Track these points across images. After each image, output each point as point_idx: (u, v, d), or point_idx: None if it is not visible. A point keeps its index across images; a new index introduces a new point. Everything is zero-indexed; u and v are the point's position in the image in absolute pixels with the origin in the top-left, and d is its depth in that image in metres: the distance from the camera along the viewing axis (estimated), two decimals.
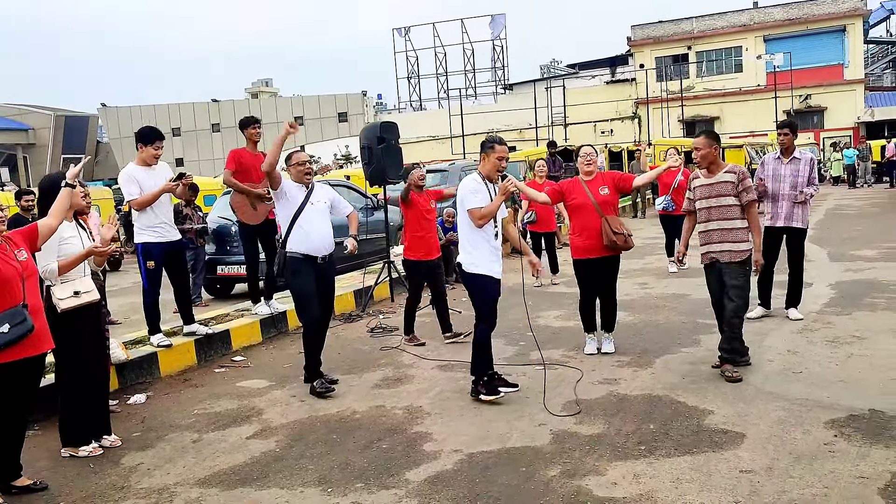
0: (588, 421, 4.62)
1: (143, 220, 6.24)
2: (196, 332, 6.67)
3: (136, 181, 6.19)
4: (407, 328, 7.06)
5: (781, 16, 41.30)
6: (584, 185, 6.12)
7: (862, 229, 13.93)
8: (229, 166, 7.55)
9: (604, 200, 6.01)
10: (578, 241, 6.15)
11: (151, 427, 5.07)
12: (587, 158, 6.20)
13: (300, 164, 5.71)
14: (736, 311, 5.33)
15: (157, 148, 6.31)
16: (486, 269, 5.16)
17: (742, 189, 5.37)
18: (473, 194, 5.10)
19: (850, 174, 28.21)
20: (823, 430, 4.20)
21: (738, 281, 5.34)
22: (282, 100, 60.97)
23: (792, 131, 6.96)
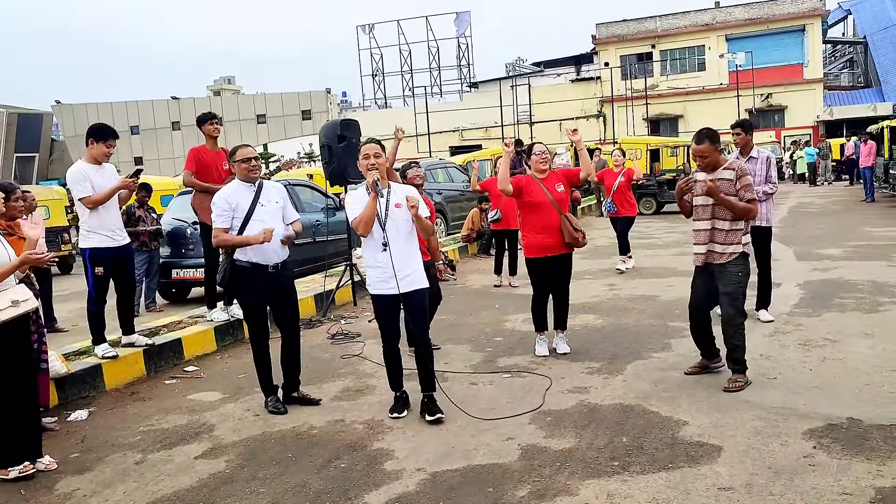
0: (558, 434, 4.39)
1: (93, 223, 5.87)
2: (136, 343, 6.29)
3: (88, 178, 5.82)
4: None
5: (743, 15, 41.79)
6: (540, 183, 5.97)
7: (825, 227, 14.00)
8: (189, 166, 7.18)
9: (560, 198, 5.95)
10: (536, 240, 5.99)
11: (92, 447, 4.71)
12: (542, 157, 6.06)
13: (245, 161, 5.13)
14: (729, 320, 5.01)
15: (109, 146, 5.97)
16: (374, 288, 4.86)
17: (741, 187, 4.98)
18: (351, 207, 4.81)
19: (810, 172, 28.59)
20: (802, 441, 4.03)
21: (730, 288, 5.01)
22: (244, 97, 60.11)
23: (744, 130, 6.84)
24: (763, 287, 6.91)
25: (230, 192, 5.16)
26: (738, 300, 5.03)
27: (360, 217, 4.67)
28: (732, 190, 4.99)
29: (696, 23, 42.49)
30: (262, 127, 54.93)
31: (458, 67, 54.13)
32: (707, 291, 5.16)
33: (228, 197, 5.09)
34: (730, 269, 5.00)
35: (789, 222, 15.45)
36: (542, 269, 6.07)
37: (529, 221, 6.07)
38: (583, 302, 8.13)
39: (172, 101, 55.83)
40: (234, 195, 5.12)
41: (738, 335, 5.01)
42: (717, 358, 5.30)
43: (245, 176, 5.16)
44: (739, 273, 5.03)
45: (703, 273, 5.18)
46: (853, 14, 47.55)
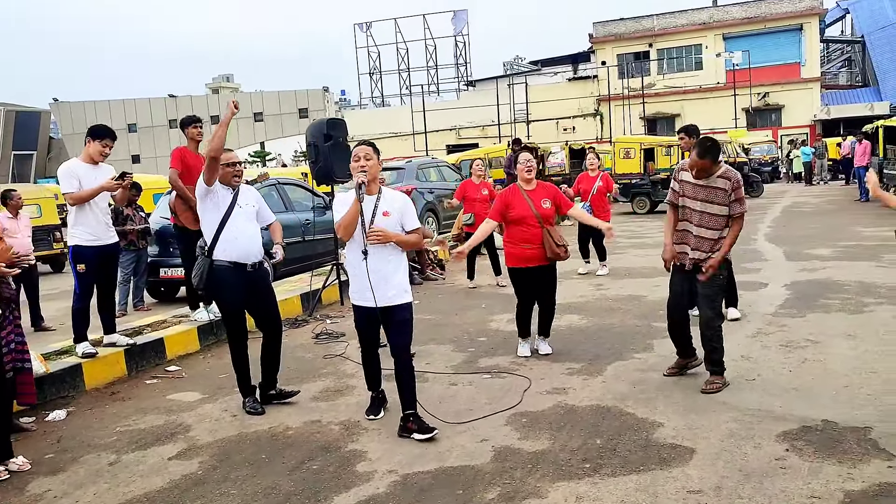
0: (533, 436, 4.38)
1: (79, 221, 5.89)
2: (117, 342, 6.28)
3: (76, 176, 5.85)
4: None
5: (740, 14, 41.82)
6: (525, 195, 5.93)
7: (818, 227, 13.99)
8: (175, 165, 7.17)
9: (546, 214, 5.91)
10: (517, 251, 5.97)
11: (67, 447, 4.69)
12: (527, 165, 6.00)
13: (230, 166, 5.15)
14: (707, 323, 4.95)
15: (105, 146, 6.00)
16: (353, 297, 4.67)
17: (735, 199, 4.89)
18: (337, 207, 4.54)
19: (806, 172, 28.58)
20: (775, 443, 4.01)
21: (708, 290, 4.95)
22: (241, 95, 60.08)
23: (688, 135, 7.04)
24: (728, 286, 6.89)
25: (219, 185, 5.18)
26: (716, 303, 5.01)
27: (342, 220, 4.45)
28: (725, 200, 4.90)
29: (693, 21, 42.52)
30: (259, 125, 54.93)
31: (456, 66, 54.08)
32: (686, 290, 5.12)
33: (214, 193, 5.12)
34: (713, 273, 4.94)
35: (782, 222, 15.44)
36: (525, 279, 6.04)
37: (512, 233, 6.02)
38: (569, 302, 8.12)
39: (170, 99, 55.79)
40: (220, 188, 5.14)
41: (717, 337, 4.97)
42: (693, 357, 5.28)
43: (228, 181, 5.15)
44: (720, 276, 4.99)
45: (682, 271, 5.12)
46: (851, 13, 47.56)
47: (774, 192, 24.25)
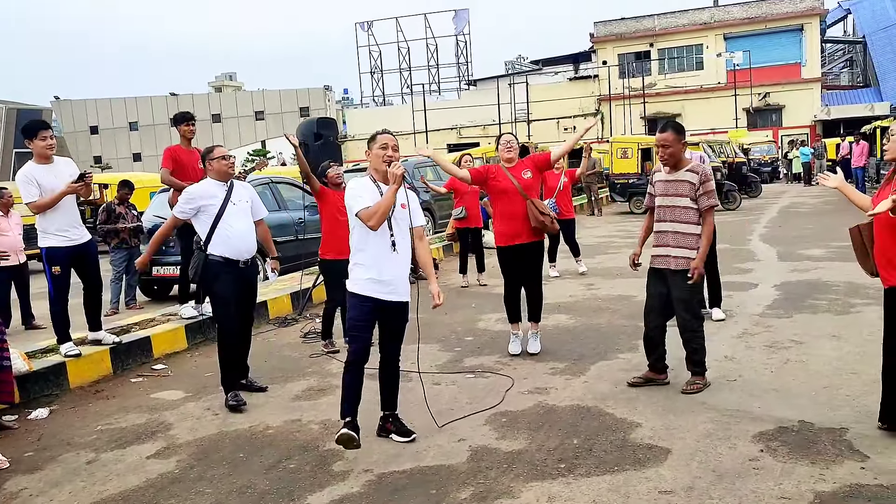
0: (510, 435, 4.38)
1: (46, 223, 5.82)
2: (103, 340, 6.28)
3: (34, 182, 5.71)
4: (325, 332, 6.79)
5: (741, 14, 41.75)
6: (507, 171, 6.00)
7: (814, 227, 13.97)
8: (166, 164, 7.22)
9: (527, 185, 5.95)
10: (503, 227, 6.01)
11: (47, 446, 4.70)
12: (508, 145, 6.09)
13: (224, 158, 5.39)
14: (685, 325, 4.90)
15: (43, 139, 5.77)
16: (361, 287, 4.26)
17: (702, 192, 4.83)
18: (356, 198, 4.21)
19: (805, 172, 28.51)
20: (750, 444, 4.01)
21: (684, 293, 4.86)
22: (243, 94, 60.14)
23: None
24: (712, 286, 6.90)
25: (202, 190, 5.38)
26: (693, 305, 4.96)
27: (375, 209, 4.11)
28: (693, 193, 4.87)
29: (695, 21, 42.46)
30: (260, 123, 54.96)
31: (457, 65, 54.11)
32: (662, 295, 5.01)
33: (200, 195, 5.32)
34: (687, 276, 4.82)
35: (777, 222, 15.43)
36: (511, 258, 6.06)
37: (497, 210, 6.09)
38: (558, 302, 8.12)
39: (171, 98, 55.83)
40: (206, 195, 5.32)
41: (697, 339, 4.93)
42: (663, 375, 5.13)
43: (223, 173, 5.35)
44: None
45: (657, 275, 5.05)
46: (853, 13, 47.41)
47: (773, 193, 24.21)
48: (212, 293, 5.48)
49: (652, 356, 5.14)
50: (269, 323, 8.03)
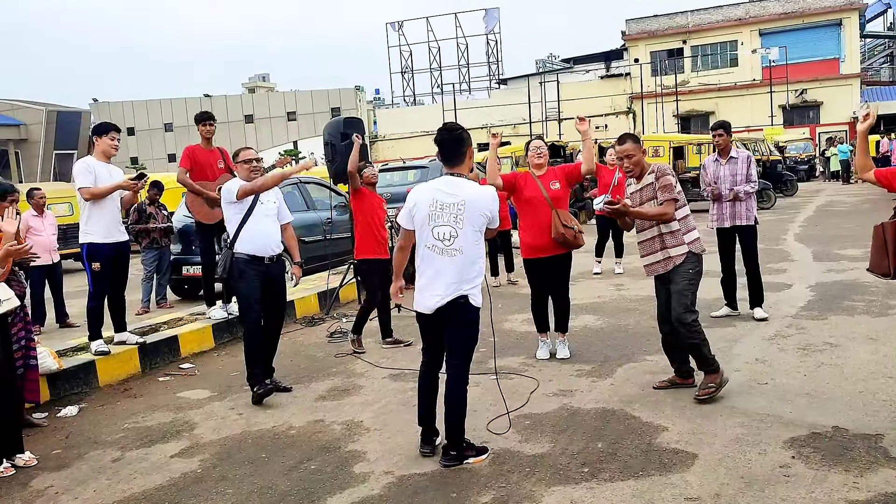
0: (534, 438, 4.32)
1: (93, 219, 5.98)
2: (127, 341, 6.35)
3: (93, 172, 5.95)
4: (357, 327, 6.76)
5: (777, 9, 40.95)
6: (537, 179, 5.88)
7: (851, 227, 13.61)
8: (184, 164, 7.33)
9: (555, 195, 5.82)
10: (529, 239, 5.90)
11: (74, 444, 4.76)
12: (537, 151, 5.98)
13: (247, 162, 5.55)
14: (679, 319, 4.70)
15: (112, 139, 6.09)
16: None
17: (659, 187, 4.71)
18: None
19: (843, 170, 27.90)
20: (781, 450, 3.90)
21: (679, 285, 4.73)
22: (275, 95, 60.64)
23: (726, 132, 6.89)
24: (754, 286, 6.82)
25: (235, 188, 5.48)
26: (687, 297, 4.72)
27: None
28: (654, 193, 4.75)
29: (729, 17, 41.75)
30: (292, 124, 55.35)
31: (487, 64, 53.96)
32: (668, 300, 4.85)
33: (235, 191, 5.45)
34: (681, 270, 4.73)
35: (814, 221, 15.10)
36: (537, 270, 5.98)
37: (524, 220, 5.98)
38: (586, 303, 8.02)
39: (205, 99, 56.53)
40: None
41: (695, 333, 4.71)
42: (689, 378, 4.97)
43: (247, 176, 5.51)
44: (690, 270, 4.73)
45: (660, 282, 4.91)
46: (893, 7, 46.32)
47: (809, 191, 23.74)
48: (237, 290, 5.60)
49: (675, 362, 5.02)
50: (297, 322, 8.06)
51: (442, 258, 3.94)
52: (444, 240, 3.93)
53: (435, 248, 3.95)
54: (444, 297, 3.94)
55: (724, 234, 6.88)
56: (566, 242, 5.74)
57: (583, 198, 17.17)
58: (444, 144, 4.05)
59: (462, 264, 3.94)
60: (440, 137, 4.06)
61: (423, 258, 4.02)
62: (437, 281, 3.94)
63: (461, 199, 3.93)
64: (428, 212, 3.96)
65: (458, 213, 3.92)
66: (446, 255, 3.93)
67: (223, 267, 5.52)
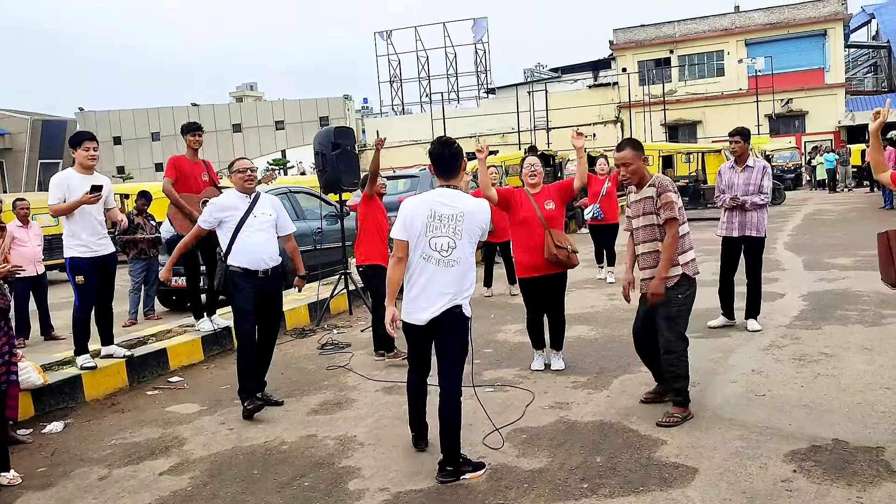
0: (531, 453, 4.25)
1: (73, 232, 5.86)
2: (114, 354, 6.23)
3: (67, 188, 5.81)
4: (382, 343, 6.54)
5: (762, 20, 41.33)
6: (531, 198, 5.78)
7: (840, 235, 13.67)
8: (169, 174, 7.21)
9: (550, 216, 5.70)
10: (523, 258, 5.80)
11: (60, 461, 4.64)
12: (531, 170, 5.85)
13: (241, 172, 5.43)
14: (667, 346, 4.56)
15: (87, 149, 5.91)
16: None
17: (660, 205, 4.52)
18: None
19: (830, 179, 28.09)
20: (782, 463, 3.85)
21: (669, 311, 4.54)
22: (263, 104, 60.46)
23: (743, 139, 6.73)
24: (752, 297, 6.77)
25: (225, 202, 5.44)
26: (678, 324, 4.58)
27: None
28: (654, 208, 4.60)
29: (715, 27, 42.08)
30: (280, 133, 55.22)
31: (476, 73, 54.07)
32: (650, 316, 4.74)
33: (222, 209, 5.39)
34: (671, 293, 4.54)
35: (803, 230, 15.14)
36: (533, 289, 5.88)
37: (517, 238, 5.86)
38: (579, 313, 7.97)
39: (192, 108, 56.29)
40: (228, 207, 5.40)
41: (679, 363, 4.56)
42: None
43: (241, 186, 5.41)
44: (679, 296, 4.55)
45: (644, 299, 4.79)
46: (876, 18, 46.82)
47: (797, 200, 23.85)
48: (232, 303, 5.51)
49: (655, 370, 4.93)
50: (287, 334, 7.95)
51: (437, 269, 3.92)
52: (441, 251, 3.92)
53: (431, 258, 3.92)
54: (439, 308, 3.91)
55: (731, 243, 6.75)
56: (559, 262, 5.64)
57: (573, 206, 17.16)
58: (443, 158, 4.05)
59: (459, 275, 3.94)
60: (438, 151, 4.05)
61: (414, 269, 3.98)
62: (430, 291, 3.93)
63: (460, 211, 3.93)
64: (425, 222, 3.93)
65: (458, 224, 3.92)
66: (443, 266, 3.92)
67: (219, 279, 5.45)
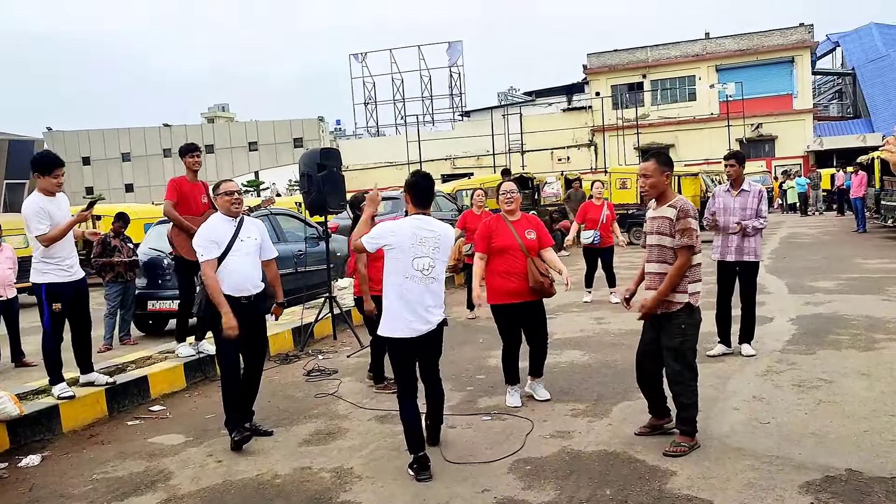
0: (537, 485, 4.10)
1: (50, 256, 5.60)
2: (95, 381, 5.98)
3: (46, 213, 5.54)
4: (378, 375, 6.39)
5: (732, 46, 42.16)
6: (510, 225, 5.59)
7: (818, 259, 13.81)
8: (170, 196, 6.98)
9: (530, 245, 5.53)
10: (501, 284, 5.50)
11: (38, 497, 4.39)
12: (507, 197, 5.63)
13: (228, 195, 5.22)
14: (674, 377, 4.47)
15: (55, 177, 5.63)
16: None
17: (678, 229, 4.41)
18: None
19: (801, 202, 28.54)
20: (798, 495, 3.74)
21: (673, 342, 4.45)
22: (236, 125, 60.12)
23: (738, 162, 6.77)
24: (746, 321, 6.73)
25: (211, 227, 5.20)
26: (685, 355, 4.48)
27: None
28: (671, 230, 4.48)
29: (687, 53, 42.83)
30: (253, 154, 54.89)
31: (451, 96, 54.33)
32: (654, 340, 4.63)
33: (209, 233, 5.16)
34: (674, 321, 4.46)
35: (781, 253, 15.28)
36: (511, 317, 5.58)
37: (495, 265, 5.57)
38: (569, 337, 7.87)
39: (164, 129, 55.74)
40: (215, 230, 5.17)
41: (688, 393, 4.46)
42: (667, 417, 4.76)
43: (227, 210, 5.22)
44: (683, 325, 4.45)
45: (653, 323, 4.66)
46: (841, 46, 48.06)
47: (770, 223, 24.12)
48: (214, 331, 5.24)
49: (650, 400, 4.79)
50: (270, 360, 7.72)
51: (420, 287, 4.36)
52: (424, 270, 4.38)
53: (414, 277, 4.35)
54: (433, 324, 4.42)
55: (726, 267, 6.68)
56: (541, 291, 5.48)
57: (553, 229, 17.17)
58: (423, 189, 4.53)
59: (439, 290, 4.48)
60: (420, 183, 4.51)
61: (400, 288, 4.35)
62: (419, 306, 4.36)
63: (438, 234, 4.46)
64: (410, 243, 4.35)
65: (437, 245, 4.44)
66: (425, 283, 4.38)
67: (199, 305, 5.24)
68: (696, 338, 4.59)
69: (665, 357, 4.54)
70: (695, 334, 4.56)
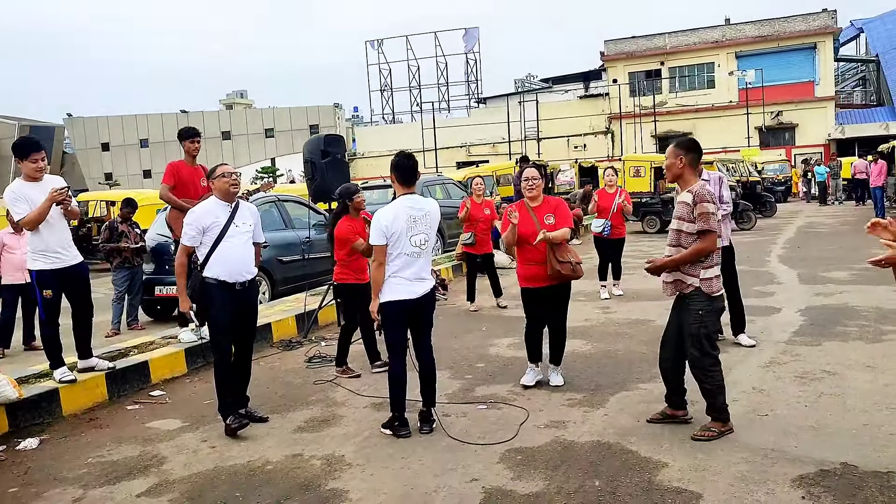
0: (527, 476, 4.06)
1: (36, 244, 5.61)
2: (95, 366, 6.01)
3: (25, 198, 5.52)
4: (340, 359, 6.48)
5: (753, 32, 41.46)
6: (531, 211, 5.62)
7: (834, 249, 13.59)
8: (167, 180, 7.03)
9: (550, 230, 5.49)
10: (524, 270, 5.65)
11: (33, 480, 4.42)
12: (530, 184, 5.67)
13: (226, 176, 5.16)
14: (693, 363, 4.51)
15: (34, 161, 5.57)
16: None
17: (697, 214, 4.38)
18: None
19: (820, 191, 28.14)
20: (790, 489, 3.68)
21: (691, 328, 4.46)
22: (253, 112, 60.23)
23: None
24: (735, 310, 6.61)
25: (205, 211, 5.16)
26: (701, 341, 4.47)
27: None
28: (690, 215, 4.44)
29: (706, 40, 42.19)
30: (270, 141, 54.98)
31: (467, 83, 54.02)
32: (678, 327, 4.63)
33: (202, 217, 5.12)
34: (691, 307, 4.46)
35: (796, 243, 15.07)
36: (534, 300, 5.69)
37: (521, 252, 5.70)
38: (573, 326, 7.73)
39: (182, 115, 55.95)
40: (209, 215, 5.13)
41: (708, 378, 4.47)
42: (682, 410, 4.74)
43: (225, 192, 5.17)
44: (700, 312, 4.44)
45: (675, 308, 4.68)
46: (865, 32, 47.16)
47: (788, 212, 23.84)
48: (208, 317, 5.24)
49: (668, 388, 4.78)
50: (273, 346, 7.75)
51: (418, 260, 4.78)
52: (420, 245, 4.78)
53: (413, 253, 4.75)
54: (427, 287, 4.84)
55: None
56: (561, 276, 5.48)
57: None
58: (406, 168, 4.81)
59: (428, 260, 4.90)
60: (404, 163, 4.81)
61: (399, 264, 4.73)
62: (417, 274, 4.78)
63: (427, 211, 4.83)
64: (405, 225, 4.71)
65: (427, 222, 4.82)
66: (422, 257, 4.80)
67: (192, 290, 5.20)
68: (715, 325, 4.62)
69: (685, 343, 4.55)
70: (713, 321, 4.57)
